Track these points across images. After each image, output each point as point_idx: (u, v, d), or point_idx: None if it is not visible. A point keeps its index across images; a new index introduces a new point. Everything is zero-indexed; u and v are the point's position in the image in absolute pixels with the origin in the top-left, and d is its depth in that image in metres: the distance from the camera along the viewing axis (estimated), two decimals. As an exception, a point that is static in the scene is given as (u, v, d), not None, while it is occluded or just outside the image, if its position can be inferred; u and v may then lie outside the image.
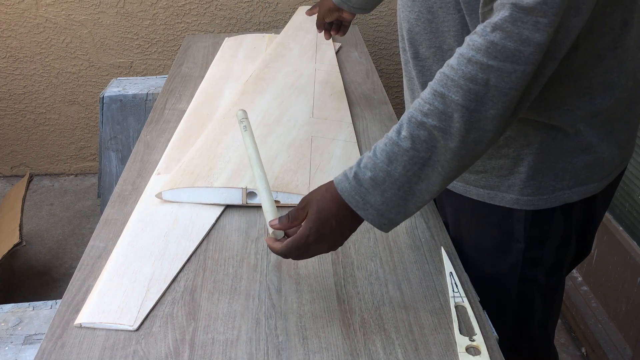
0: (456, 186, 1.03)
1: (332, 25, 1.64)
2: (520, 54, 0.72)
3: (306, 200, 0.87)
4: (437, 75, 0.79)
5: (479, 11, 0.78)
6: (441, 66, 0.92)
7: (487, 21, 0.74)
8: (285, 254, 0.88)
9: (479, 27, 0.75)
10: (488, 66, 0.73)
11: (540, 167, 0.94)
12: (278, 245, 0.88)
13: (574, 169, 0.94)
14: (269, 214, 0.94)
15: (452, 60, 0.77)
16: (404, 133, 0.79)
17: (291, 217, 0.88)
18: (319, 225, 0.84)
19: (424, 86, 1.00)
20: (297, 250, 0.86)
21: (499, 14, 0.73)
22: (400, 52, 1.07)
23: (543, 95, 0.87)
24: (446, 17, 0.90)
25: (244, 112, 1.19)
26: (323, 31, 1.67)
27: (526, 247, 1.00)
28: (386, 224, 0.83)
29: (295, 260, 1.02)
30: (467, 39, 0.76)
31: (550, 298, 1.10)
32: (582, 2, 0.73)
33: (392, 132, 0.81)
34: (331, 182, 0.85)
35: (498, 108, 0.76)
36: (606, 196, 1.04)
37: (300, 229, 0.85)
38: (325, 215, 0.84)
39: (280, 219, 0.89)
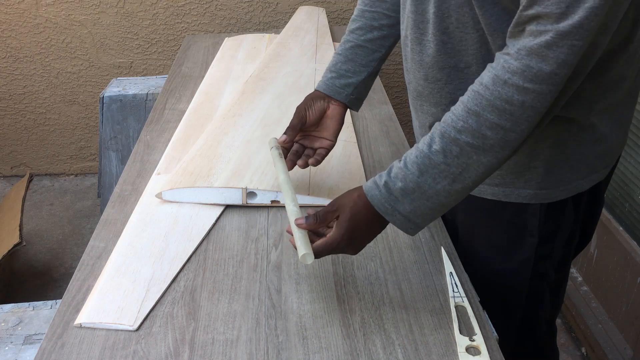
0: None
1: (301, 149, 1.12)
2: (556, 77, 0.74)
3: (337, 205, 0.88)
4: (470, 94, 0.80)
5: (509, 30, 0.78)
6: (455, 86, 0.93)
7: (522, 44, 0.75)
8: (318, 253, 0.89)
9: (513, 50, 0.76)
10: (524, 89, 0.75)
11: (557, 160, 0.95)
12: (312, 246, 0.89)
13: (587, 159, 0.96)
14: (294, 214, 0.93)
15: (486, 80, 0.78)
16: (435, 147, 0.81)
17: (319, 218, 0.89)
18: (351, 231, 0.86)
19: (433, 106, 1.00)
20: (327, 252, 0.88)
21: (536, 38, 0.74)
22: (404, 73, 1.07)
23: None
24: (464, 37, 0.90)
25: (275, 140, 1.13)
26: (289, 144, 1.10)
27: (539, 241, 1.01)
28: (412, 228, 0.86)
29: (295, 261, 1.02)
30: (502, 60, 0.77)
31: (557, 292, 1.11)
32: (611, 21, 0.74)
33: (423, 145, 0.83)
34: (361, 189, 0.87)
35: (532, 126, 0.79)
36: (607, 180, 1.07)
37: (333, 234, 0.87)
38: (358, 222, 0.86)
39: (306, 218, 0.89)
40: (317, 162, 1.09)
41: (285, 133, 1.08)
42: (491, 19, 0.84)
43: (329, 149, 1.11)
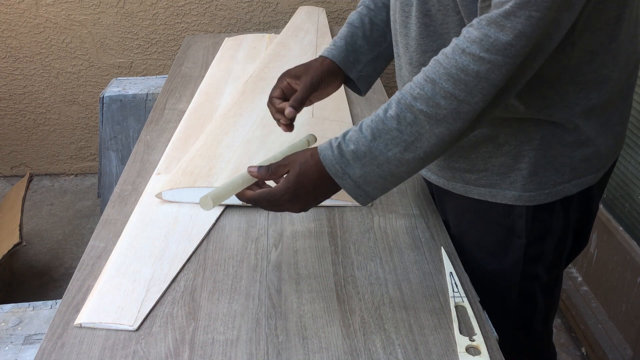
0: (456, 187, 1.03)
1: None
2: (512, 48, 0.74)
3: (290, 160, 0.89)
4: (431, 62, 0.81)
5: (478, 6, 0.79)
6: None
7: (484, 15, 0.76)
8: (256, 202, 0.90)
9: (475, 20, 0.77)
10: (480, 58, 0.76)
11: (541, 162, 0.95)
12: (250, 193, 0.90)
13: (572, 162, 0.95)
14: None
15: (447, 49, 0.79)
16: (390, 112, 0.82)
17: (271, 170, 0.90)
18: (296, 186, 0.86)
19: None
20: (269, 203, 0.89)
21: (498, 9, 0.74)
22: (395, 58, 1.07)
23: (542, 94, 0.89)
24: (445, 20, 0.90)
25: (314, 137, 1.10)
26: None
27: (528, 243, 1.01)
28: (362, 196, 0.86)
29: (295, 261, 1.02)
30: (464, 30, 0.78)
31: (551, 293, 1.10)
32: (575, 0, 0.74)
33: (380, 110, 0.84)
34: (315, 149, 0.87)
35: (486, 99, 0.78)
36: (601, 186, 1.06)
37: (278, 185, 0.88)
38: (305, 179, 0.86)
39: (259, 168, 0.90)
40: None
41: (292, 106, 1.03)
42: (467, 1, 0.84)
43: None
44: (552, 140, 0.93)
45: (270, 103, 1.08)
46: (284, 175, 0.89)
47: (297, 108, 1.04)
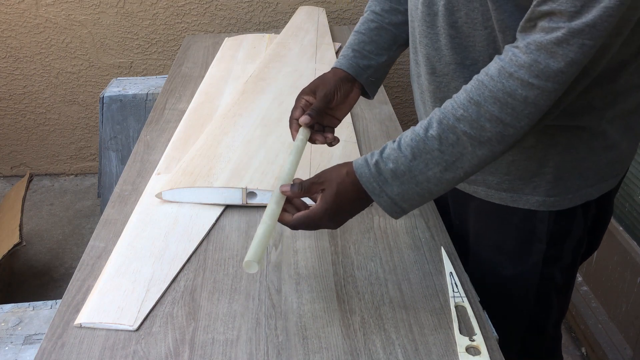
0: (478, 191, 1.02)
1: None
2: (563, 75, 0.74)
3: (324, 178, 0.88)
4: (475, 83, 0.79)
5: (520, 24, 0.78)
6: (460, 83, 0.91)
7: (532, 39, 0.75)
8: (295, 226, 0.89)
9: (522, 43, 0.76)
10: (529, 84, 0.75)
11: (566, 167, 0.94)
12: (289, 218, 0.89)
13: (598, 166, 0.95)
14: (282, 180, 0.91)
15: (492, 71, 0.78)
16: (432, 132, 0.81)
17: (304, 188, 0.89)
18: (336, 207, 0.86)
19: (438, 101, 0.99)
20: (308, 226, 0.89)
21: (547, 34, 0.73)
22: (412, 64, 1.06)
23: (572, 102, 0.88)
24: (472, 33, 0.89)
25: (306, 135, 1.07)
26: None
27: (547, 247, 1.00)
28: (397, 212, 0.85)
29: (295, 261, 1.02)
30: (510, 52, 0.77)
31: (564, 296, 1.10)
32: (623, 25, 0.74)
33: (419, 129, 0.82)
34: (350, 165, 0.86)
35: (531, 123, 0.78)
36: (616, 190, 1.06)
37: (317, 207, 0.87)
38: (343, 198, 0.86)
39: (292, 187, 0.89)
40: (337, 141, 1.06)
41: (309, 114, 1.03)
42: (504, 15, 0.84)
43: (334, 128, 1.09)
44: (578, 145, 0.92)
45: (292, 124, 1.06)
46: (319, 194, 0.88)
47: (313, 116, 1.03)
